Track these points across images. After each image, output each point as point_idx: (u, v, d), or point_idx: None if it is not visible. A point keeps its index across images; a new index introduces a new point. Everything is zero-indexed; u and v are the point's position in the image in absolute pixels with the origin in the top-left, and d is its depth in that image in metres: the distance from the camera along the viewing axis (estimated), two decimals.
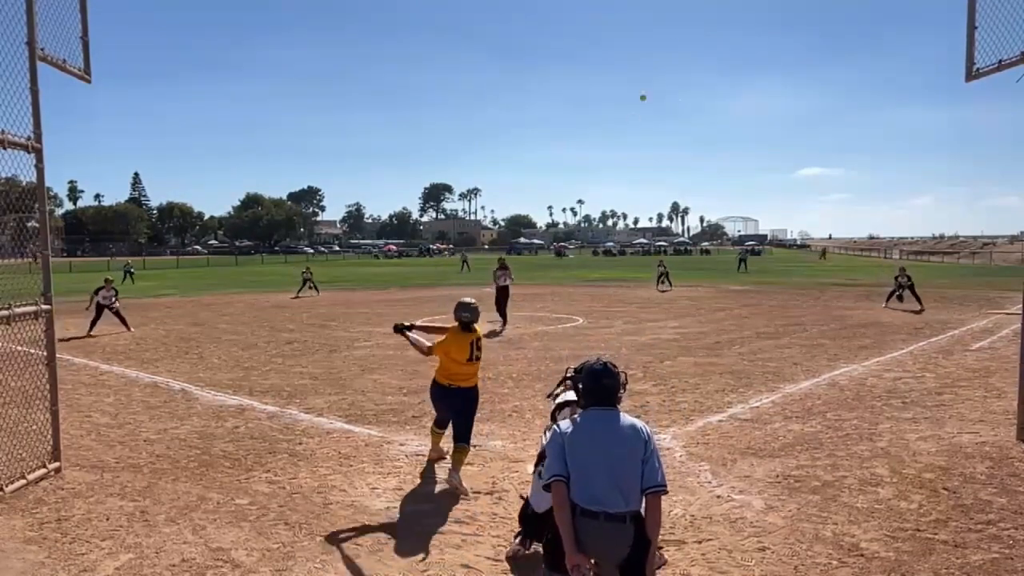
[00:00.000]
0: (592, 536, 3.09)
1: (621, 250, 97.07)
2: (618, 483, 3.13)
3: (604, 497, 3.10)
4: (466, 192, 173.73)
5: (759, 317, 17.47)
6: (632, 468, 3.16)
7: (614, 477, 3.13)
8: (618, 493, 3.12)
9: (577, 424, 3.26)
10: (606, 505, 3.09)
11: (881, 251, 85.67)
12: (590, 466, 3.14)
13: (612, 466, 3.14)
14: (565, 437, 3.22)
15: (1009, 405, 7.65)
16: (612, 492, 3.11)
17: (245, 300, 24.72)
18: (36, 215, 5.84)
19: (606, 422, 3.25)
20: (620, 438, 3.20)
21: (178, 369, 11.04)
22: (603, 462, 3.14)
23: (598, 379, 3.31)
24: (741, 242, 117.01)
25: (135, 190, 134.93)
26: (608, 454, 3.16)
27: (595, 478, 3.12)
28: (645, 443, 3.21)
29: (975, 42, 6.64)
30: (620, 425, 3.24)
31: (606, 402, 3.31)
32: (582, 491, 3.13)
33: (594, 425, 3.24)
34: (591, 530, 3.09)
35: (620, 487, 3.13)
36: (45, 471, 5.84)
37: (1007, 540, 4.51)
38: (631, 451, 3.18)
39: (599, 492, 3.10)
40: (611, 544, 3.11)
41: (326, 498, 5.44)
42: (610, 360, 3.41)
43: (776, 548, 4.46)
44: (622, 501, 3.12)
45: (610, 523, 3.08)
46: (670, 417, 7.77)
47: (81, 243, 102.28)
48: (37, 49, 5.63)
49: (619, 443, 3.19)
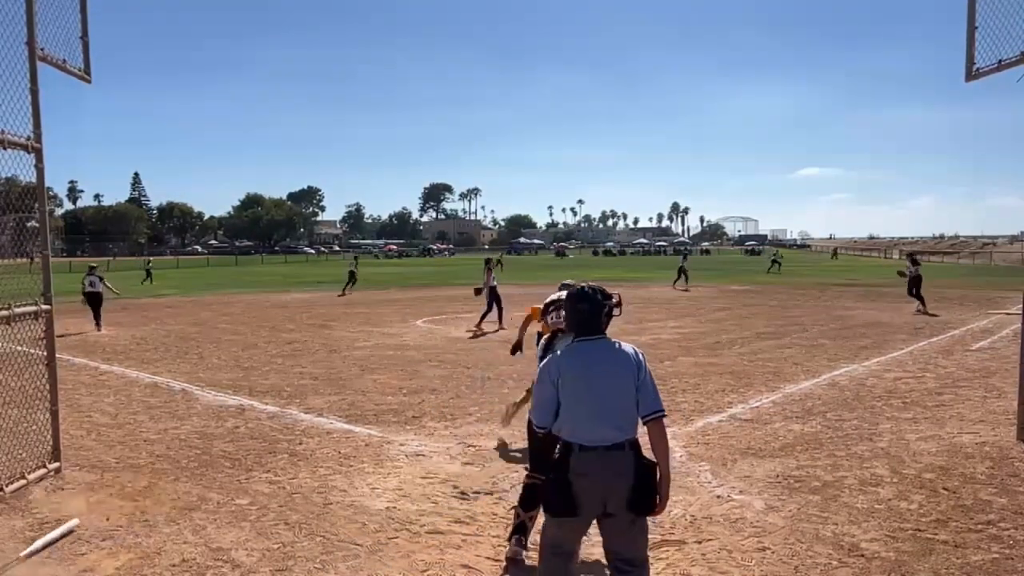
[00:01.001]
0: (594, 469, 3.08)
1: (621, 250, 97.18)
2: (612, 419, 3.13)
3: (600, 434, 3.11)
4: (466, 192, 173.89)
5: (759, 317, 17.47)
6: (626, 399, 3.16)
7: (608, 413, 3.13)
8: (613, 428, 3.12)
9: (565, 363, 3.24)
10: (603, 439, 3.10)
11: (881, 251, 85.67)
12: (583, 407, 3.14)
13: (604, 403, 3.14)
14: (557, 382, 3.20)
15: (1009, 405, 7.64)
16: (608, 428, 3.12)
17: (245, 300, 24.73)
18: (36, 215, 5.84)
19: (593, 355, 3.23)
20: (610, 371, 3.19)
21: (178, 369, 11.04)
22: (596, 400, 3.13)
23: (574, 304, 3.31)
24: (741, 242, 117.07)
25: (135, 190, 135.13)
26: (599, 391, 3.15)
27: (591, 415, 3.12)
28: (638, 369, 3.21)
29: (975, 42, 6.63)
30: (609, 355, 3.22)
31: (590, 330, 3.28)
32: (578, 431, 3.13)
33: (582, 361, 3.21)
34: (591, 463, 3.08)
35: (614, 422, 3.13)
36: (45, 471, 5.84)
37: (1007, 540, 4.51)
38: (623, 382, 3.17)
39: (595, 431, 3.11)
40: (614, 474, 3.08)
41: (326, 498, 5.43)
42: (597, 285, 3.36)
43: (776, 548, 4.46)
44: (619, 433, 3.12)
45: (609, 452, 3.09)
46: (670, 417, 7.72)
47: (81, 243, 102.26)
48: (37, 49, 5.63)
49: (610, 376, 3.18)
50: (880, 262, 61.75)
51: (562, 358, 3.27)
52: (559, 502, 3.15)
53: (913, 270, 18.73)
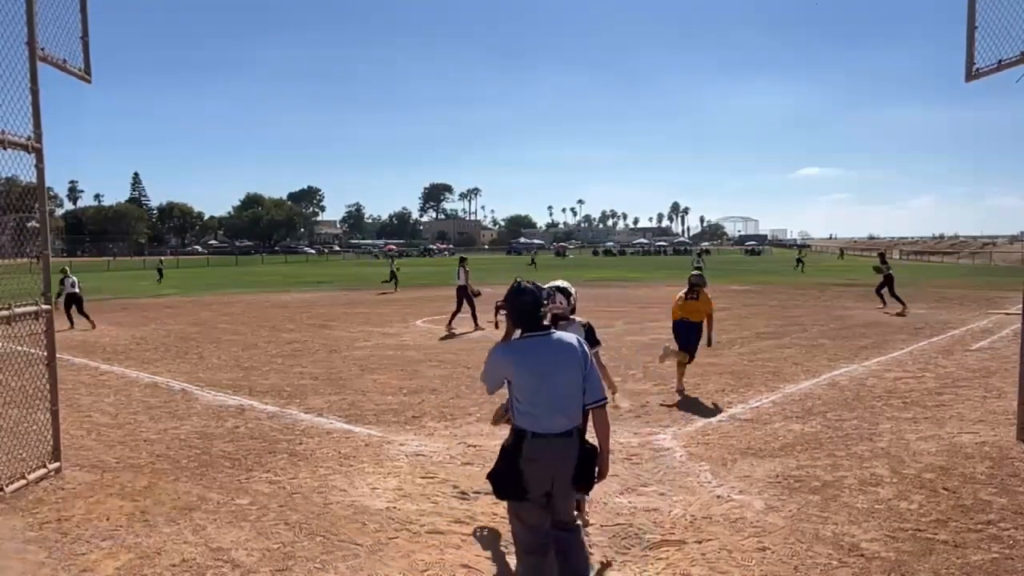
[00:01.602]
0: (544, 454, 3.40)
1: (621, 250, 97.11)
2: (565, 409, 3.45)
3: (551, 421, 3.41)
4: (466, 192, 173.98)
5: (759, 317, 17.46)
6: (576, 390, 3.47)
7: (559, 402, 3.43)
8: (566, 417, 3.44)
9: (520, 353, 3.49)
10: (553, 427, 3.41)
11: (882, 251, 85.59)
12: (537, 397, 3.41)
13: (556, 393, 3.42)
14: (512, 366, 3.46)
15: (1009, 405, 7.64)
16: (561, 418, 3.43)
17: (245, 300, 24.72)
18: (36, 215, 5.84)
19: (547, 350, 3.48)
20: (563, 365, 3.46)
21: (178, 369, 11.04)
22: (552, 393, 3.41)
23: (515, 298, 3.53)
24: (741, 242, 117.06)
25: (135, 190, 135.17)
26: (555, 384, 3.42)
27: (543, 407, 3.41)
28: (583, 361, 3.50)
29: (975, 42, 6.63)
30: (560, 350, 3.49)
31: (535, 324, 3.53)
32: (533, 420, 3.42)
33: (538, 357, 3.46)
34: (543, 449, 3.40)
35: (567, 412, 3.45)
36: (45, 471, 5.84)
37: (1007, 540, 4.51)
38: (574, 375, 3.46)
39: (547, 418, 3.41)
40: (562, 458, 3.44)
41: (326, 498, 5.43)
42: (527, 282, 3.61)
43: (776, 548, 4.46)
44: (569, 421, 3.46)
45: (559, 439, 3.42)
46: (670, 417, 7.77)
47: (81, 243, 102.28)
48: (37, 49, 5.63)
49: (563, 370, 3.45)
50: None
51: (519, 353, 3.50)
52: (510, 488, 3.46)
53: (883, 268, 18.95)
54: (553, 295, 4.96)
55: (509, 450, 3.48)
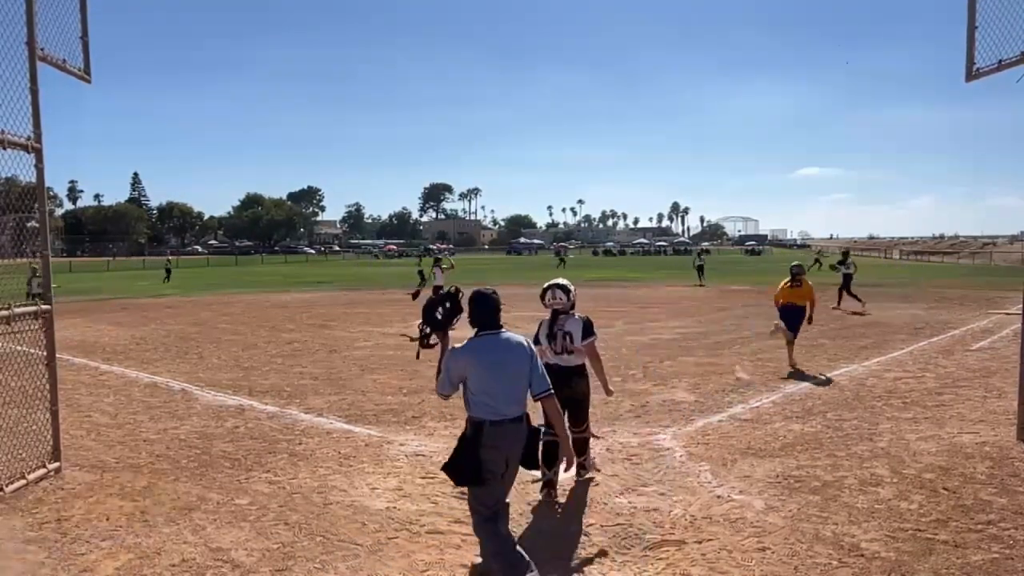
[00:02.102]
0: (501, 439, 3.81)
1: (621, 250, 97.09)
2: (514, 395, 3.89)
3: (506, 409, 3.84)
4: (466, 192, 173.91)
5: (759, 317, 17.45)
6: (524, 381, 3.93)
7: (511, 391, 3.88)
8: (517, 405, 3.90)
9: (476, 352, 3.89)
10: (507, 414, 3.84)
11: (882, 251, 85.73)
12: (493, 388, 3.83)
13: (509, 383, 3.87)
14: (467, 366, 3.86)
15: (1009, 405, 7.64)
16: (511, 403, 3.87)
17: (245, 300, 24.72)
18: (36, 215, 5.84)
19: (500, 346, 3.92)
20: (510, 358, 3.91)
21: (178, 369, 11.04)
22: (502, 382, 3.85)
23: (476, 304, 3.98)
24: (741, 242, 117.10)
25: (135, 190, 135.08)
26: (504, 375, 3.86)
27: (498, 396, 3.83)
28: (530, 357, 3.97)
29: (975, 42, 6.63)
30: (510, 346, 3.94)
31: (491, 325, 3.95)
32: (489, 408, 3.83)
33: (493, 352, 3.89)
34: (500, 434, 3.81)
35: (516, 397, 3.90)
36: (45, 471, 5.84)
37: (1007, 540, 4.51)
38: (523, 368, 3.93)
39: (502, 406, 3.83)
40: (515, 440, 3.89)
41: (326, 498, 5.43)
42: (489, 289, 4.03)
43: (776, 548, 4.46)
44: (519, 408, 3.90)
45: (512, 425, 3.85)
46: (670, 417, 7.77)
47: (81, 243, 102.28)
48: (37, 49, 5.63)
49: (511, 363, 3.90)
50: (880, 262, 61.73)
51: (474, 350, 3.90)
52: (469, 474, 3.84)
53: (845, 267, 19.24)
54: (554, 292, 5.51)
55: (470, 440, 3.83)
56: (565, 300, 5.50)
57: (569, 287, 5.57)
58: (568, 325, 5.47)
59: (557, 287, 5.53)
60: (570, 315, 5.51)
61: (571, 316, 5.51)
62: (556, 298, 5.49)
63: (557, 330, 5.47)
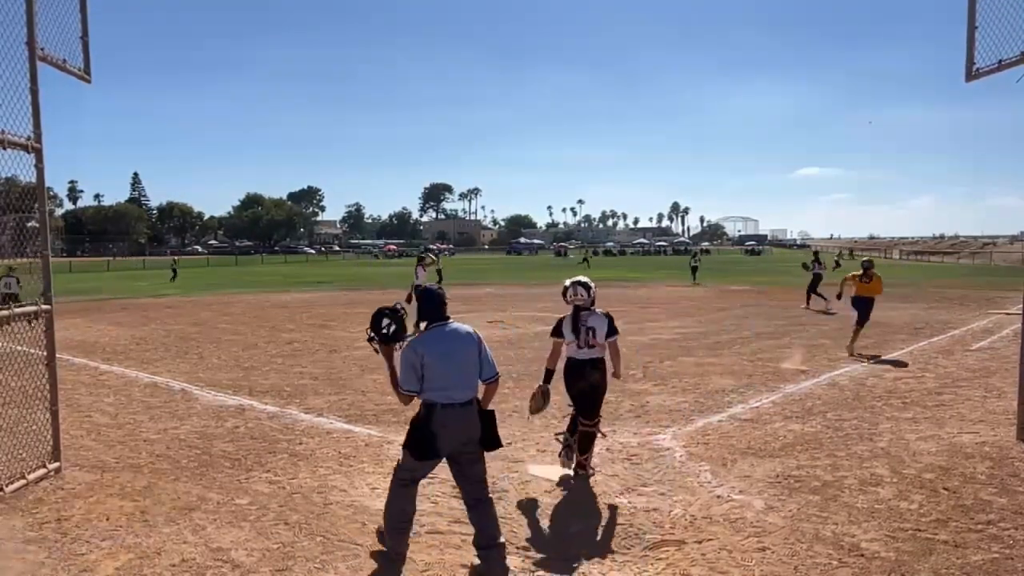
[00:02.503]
0: (452, 421, 4.20)
1: (621, 250, 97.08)
2: (467, 382, 4.27)
3: (456, 394, 4.21)
4: (466, 192, 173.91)
5: (759, 317, 17.46)
6: (472, 366, 4.30)
7: (462, 377, 4.25)
8: (467, 389, 4.27)
9: (428, 343, 4.25)
10: (457, 399, 4.21)
11: (882, 251, 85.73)
12: (445, 374, 4.20)
13: (459, 370, 4.25)
14: (422, 357, 4.18)
15: (1009, 405, 7.65)
16: (462, 388, 4.24)
17: (245, 300, 24.72)
18: (36, 215, 5.84)
19: (449, 336, 4.30)
20: (460, 346, 4.29)
21: (178, 369, 11.04)
22: (452, 369, 4.22)
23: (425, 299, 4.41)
24: (741, 242, 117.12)
25: (135, 190, 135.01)
26: (455, 362, 4.24)
27: (449, 383, 4.20)
28: (478, 345, 4.35)
29: (975, 42, 6.63)
30: (459, 336, 4.33)
31: (440, 317, 4.35)
32: (441, 393, 4.20)
33: (440, 341, 4.27)
34: (449, 416, 4.20)
35: (469, 385, 4.28)
36: (45, 471, 5.84)
37: (1007, 540, 4.51)
38: (471, 355, 4.31)
39: (452, 391, 4.21)
40: (468, 423, 4.24)
41: (326, 498, 5.44)
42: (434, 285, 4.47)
43: (776, 548, 4.46)
44: (470, 392, 4.28)
45: (463, 408, 4.22)
46: (670, 417, 7.77)
47: (81, 243, 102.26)
48: (37, 49, 5.63)
49: (460, 351, 4.28)
50: (880, 262, 61.71)
51: (425, 341, 4.27)
52: (426, 449, 4.23)
53: (815, 267, 19.60)
54: (576, 289, 5.83)
55: (422, 421, 4.24)
56: (587, 297, 5.83)
57: (590, 285, 5.88)
58: (591, 321, 5.78)
59: (579, 284, 5.87)
60: (592, 311, 5.83)
61: (593, 312, 5.83)
62: (578, 295, 5.83)
63: (581, 325, 5.77)
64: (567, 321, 5.82)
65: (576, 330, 5.77)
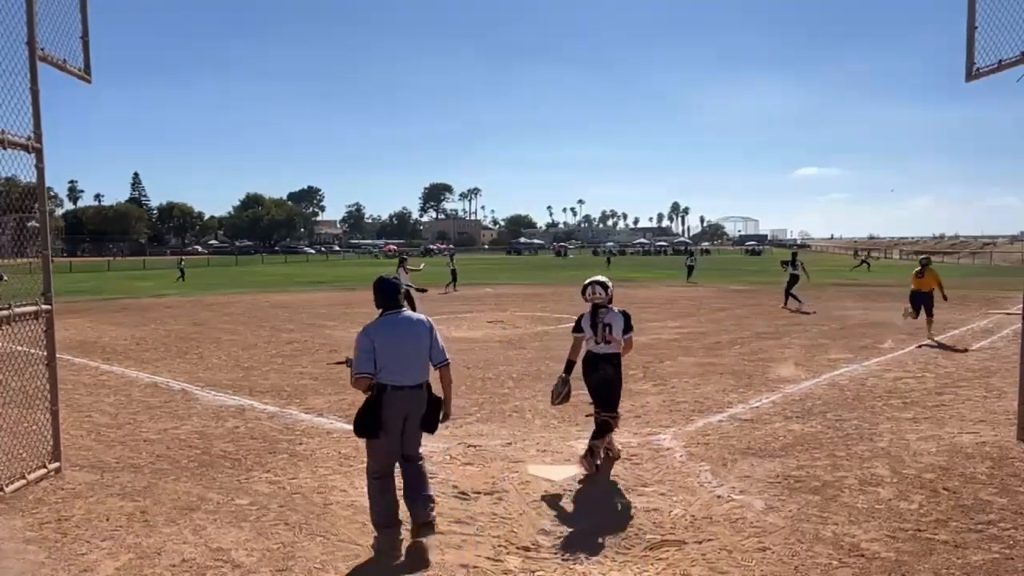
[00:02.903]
0: (401, 402, 4.52)
1: (621, 250, 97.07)
2: (415, 367, 4.58)
3: (404, 377, 4.52)
4: (466, 192, 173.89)
5: (759, 317, 17.46)
6: (423, 354, 4.63)
7: (411, 361, 4.56)
8: (416, 374, 4.57)
9: (380, 329, 4.58)
10: (408, 381, 4.53)
11: (882, 251, 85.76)
12: (396, 358, 4.51)
13: (408, 355, 4.56)
14: (374, 342, 4.51)
15: (1009, 405, 7.65)
16: (411, 372, 4.55)
17: (245, 300, 24.72)
18: (36, 215, 5.84)
19: (401, 324, 4.63)
20: (411, 333, 4.61)
21: (178, 369, 11.04)
22: (403, 353, 4.54)
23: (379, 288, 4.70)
24: (741, 242, 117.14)
25: (135, 190, 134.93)
26: (406, 348, 4.56)
27: (400, 365, 4.51)
28: (430, 332, 4.68)
29: (975, 42, 6.63)
30: (410, 324, 4.65)
31: (394, 305, 4.67)
32: (392, 376, 4.50)
33: (392, 328, 4.60)
34: (399, 397, 4.51)
35: (417, 369, 4.58)
36: (45, 471, 5.84)
37: (1007, 540, 4.51)
38: (420, 341, 4.63)
39: (402, 375, 4.52)
40: (415, 404, 4.58)
41: (326, 498, 5.44)
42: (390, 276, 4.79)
43: (776, 548, 4.46)
44: (419, 377, 4.59)
45: (412, 391, 4.56)
46: (670, 417, 7.77)
47: (81, 243, 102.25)
48: (37, 49, 5.63)
49: (411, 337, 4.60)
50: (881, 262, 61.71)
51: (378, 328, 4.59)
52: (371, 427, 4.53)
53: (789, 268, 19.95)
54: (594, 288, 6.11)
55: (373, 401, 4.51)
56: (604, 295, 6.09)
57: (608, 284, 6.16)
58: (608, 318, 6.05)
59: (597, 284, 6.14)
60: (609, 309, 6.11)
61: (610, 310, 6.10)
62: (596, 293, 6.10)
63: (599, 322, 6.04)
64: (586, 317, 6.13)
65: (594, 326, 6.04)
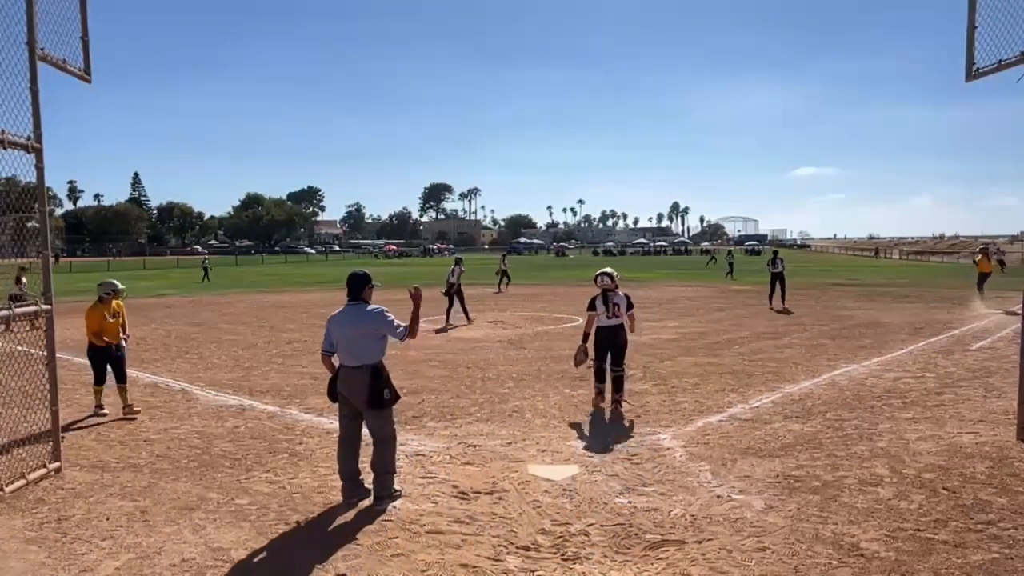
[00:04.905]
0: (348, 379, 5.31)
1: (621, 250, 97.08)
2: (355, 350, 5.29)
3: (348, 358, 5.31)
4: (466, 192, 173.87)
5: (759, 317, 17.46)
6: (362, 340, 5.29)
7: (352, 347, 5.29)
8: (357, 354, 5.29)
9: (336, 317, 5.41)
10: (349, 362, 5.31)
11: (882, 251, 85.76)
12: (342, 341, 5.32)
13: (351, 339, 5.29)
14: (329, 327, 5.41)
15: (1009, 405, 7.64)
16: (353, 356, 5.29)
17: (245, 300, 24.71)
18: (36, 215, 5.84)
19: (349, 312, 5.36)
20: (356, 321, 5.29)
21: (178, 369, 11.04)
22: (348, 338, 5.30)
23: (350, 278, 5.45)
24: (742, 242, 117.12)
25: (135, 190, 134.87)
26: (350, 333, 5.29)
27: (343, 348, 5.32)
28: (382, 317, 5.29)
29: (975, 42, 6.63)
30: (359, 314, 5.32)
31: (354, 296, 5.39)
32: (341, 355, 5.34)
33: (343, 316, 5.38)
34: (347, 376, 5.31)
35: (355, 354, 5.29)
36: (45, 471, 5.84)
37: (1007, 540, 4.51)
38: (363, 328, 5.29)
39: (348, 358, 5.31)
40: (356, 384, 5.28)
41: (326, 498, 5.44)
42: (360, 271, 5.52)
43: (776, 548, 4.46)
44: (359, 360, 5.28)
45: (355, 371, 5.28)
46: (670, 417, 7.77)
47: (81, 243, 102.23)
48: (37, 49, 5.63)
49: (355, 325, 5.29)
50: (881, 262, 61.73)
51: (335, 315, 5.43)
52: (330, 395, 5.47)
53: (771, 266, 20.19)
54: (603, 277, 8.19)
55: (333, 376, 5.40)
56: (610, 282, 8.13)
57: (614, 274, 8.20)
58: (615, 299, 8.12)
59: (605, 274, 8.24)
60: (616, 292, 8.13)
61: (617, 293, 8.14)
62: (604, 281, 8.19)
63: (609, 302, 8.08)
64: (599, 299, 8.15)
65: (606, 304, 8.08)
